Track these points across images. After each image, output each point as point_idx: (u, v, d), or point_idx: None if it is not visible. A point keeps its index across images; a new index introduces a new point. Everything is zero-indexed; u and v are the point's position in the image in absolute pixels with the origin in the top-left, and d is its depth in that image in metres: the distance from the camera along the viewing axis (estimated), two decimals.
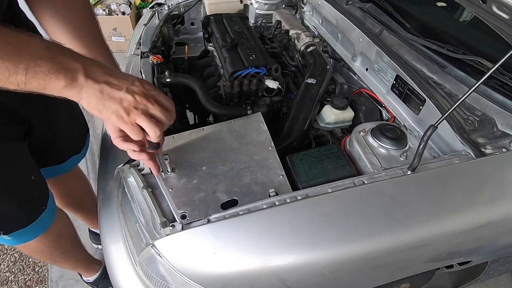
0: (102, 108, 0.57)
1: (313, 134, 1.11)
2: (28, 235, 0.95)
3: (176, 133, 0.91)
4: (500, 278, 1.61)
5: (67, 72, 0.52)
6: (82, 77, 0.54)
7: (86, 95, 0.55)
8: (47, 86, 0.52)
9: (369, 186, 0.73)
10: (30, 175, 0.92)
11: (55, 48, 0.53)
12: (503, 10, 0.77)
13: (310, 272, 0.67)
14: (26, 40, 0.50)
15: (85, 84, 0.54)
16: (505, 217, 0.75)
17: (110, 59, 0.77)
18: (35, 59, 0.49)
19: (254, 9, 1.63)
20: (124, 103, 0.58)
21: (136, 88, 0.59)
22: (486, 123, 0.86)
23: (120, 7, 3.08)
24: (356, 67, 1.24)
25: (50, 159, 1.10)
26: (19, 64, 0.48)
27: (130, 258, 0.75)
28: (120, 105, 0.58)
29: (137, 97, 0.59)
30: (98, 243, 1.70)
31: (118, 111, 0.58)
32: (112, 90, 0.57)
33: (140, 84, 0.60)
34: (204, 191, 0.77)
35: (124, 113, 0.58)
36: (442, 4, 1.27)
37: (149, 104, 0.60)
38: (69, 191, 1.35)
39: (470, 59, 0.95)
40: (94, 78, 0.55)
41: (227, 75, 1.14)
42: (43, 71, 0.50)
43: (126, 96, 0.58)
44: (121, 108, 0.58)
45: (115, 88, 0.57)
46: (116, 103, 0.57)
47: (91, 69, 0.55)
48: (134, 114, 0.59)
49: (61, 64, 0.52)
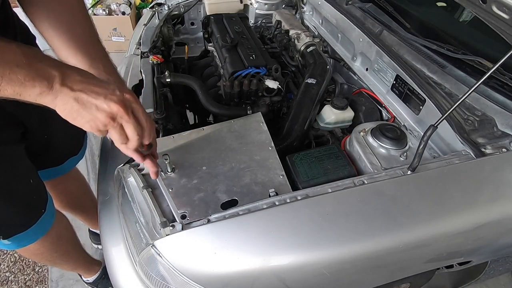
0: (76, 116, 0.56)
1: (313, 134, 1.11)
2: (28, 239, 0.94)
3: (176, 133, 0.91)
4: (500, 278, 1.61)
5: (43, 79, 0.51)
6: (57, 85, 0.52)
7: (61, 103, 0.54)
8: (22, 93, 0.51)
9: (369, 186, 0.73)
10: (29, 179, 0.91)
11: (32, 55, 0.51)
12: (503, 10, 0.77)
13: (310, 272, 0.67)
14: (2, 46, 0.49)
15: (60, 91, 0.53)
16: (505, 217, 0.75)
17: (107, 59, 0.76)
18: (11, 66, 0.48)
19: (254, 9, 1.63)
20: (99, 113, 0.56)
21: (115, 97, 0.57)
22: (486, 123, 0.86)
23: (120, 7, 3.08)
24: (356, 67, 1.24)
25: (47, 161, 1.10)
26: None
27: (130, 258, 0.75)
28: (95, 114, 0.56)
29: (114, 107, 0.56)
30: (98, 243, 1.70)
31: (92, 121, 0.56)
32: (88, 99, 0.55)
33: (121, 93, 0.58)
34: (204, 191, 0.77)
35: (99, 123, 0.57)
36: (442, 4, 1.27)
37: (125, 116, 0.58)
38: (68, 192, 1.35)
39: (470, 59, 0.95)
40: (70, 86, 0.53)
41: (227, 75, 1.14)
42: (19, 79, 0.49)
43: (102, 105, 0.55)
44: (95, 118, 0.56)
45: (91, 96, 0.55)
46: (91, 113, 0.55)
47: (69, 77, 0.54)
48: (110, 126, 0.57)
49: (38, 71, 0.51)
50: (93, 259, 1.47)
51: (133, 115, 0.59)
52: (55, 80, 0.52)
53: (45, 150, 1.04)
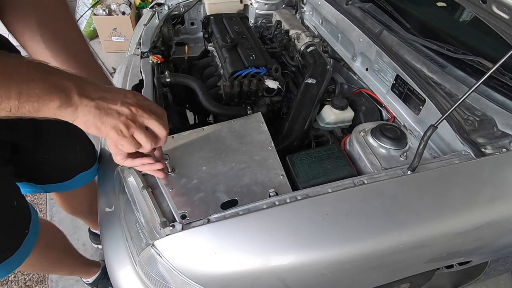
0: (100, 125, 0.56)
1: (313, 134, 1.11)
2: (15, 263, 0.90)
3: (176, 133, 0.91)
4: (500, 278, 1.61)
5: (60, 92, 0.50)
6: (76, 96, 0.52)
7: (82, 114, 0.53)
8: (41, 109, 0.50)
9: (369, 186, 0.73)
10: (13, 201, 0.87)
11: (43, 68, 0.50)
12: (503, 10, 0.77)
13: (310, 272, 0.67)
14: (14, 62, 0.47)
15: (79, 102, 0.52)
16: (505, 217, 0.75)
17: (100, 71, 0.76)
18: (27, 81, 0.47)
19: (254, 9, 1.63)
20: (121, 117, 0.57)
21: (130, 100, 0.58)
22: (486, 123, 0.86)
23: (120, 7, 3.07)
24: (356, 67, 1.24)
25: (52, 177, 1.07)
26: (11, 89, 0.46)
27: (130, 258, 0.75)
28: (118, 119, 0.57)
29: (133, 109, 0.58)
30: (98, 243, 1.70)
31: (116, 126, 0.57)
32: (108, 105, 0.55)
33: (133, 95, 0.60)
34: (204, 191, 0.77)
35: (123, 127, 0.58)
36: (442, 4, 1.26)
37: (145, 115, 0.59)
38: (78, 200, 1.33)
39: (470, 59, 0.95)
40: (88, 95, 0.53)
41: (227, 75, 1.14)
42: (36, 93, 0.48)
43: (122, 109, 0.57)
44: (119, 123, 0.57)
45: (110, 103, 0.56)
46: (114, 118, 0.56)
47: (84, 86, 0.54)
48: (132, 128, 0.59)
49: (53, 84, 0.50)
50: (91, 261, 1.46)
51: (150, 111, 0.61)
52: (72, 91, 0.52)
53: (47, 167, 1.01)
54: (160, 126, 0.62)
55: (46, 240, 1.04)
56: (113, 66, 2.97)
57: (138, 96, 0.61)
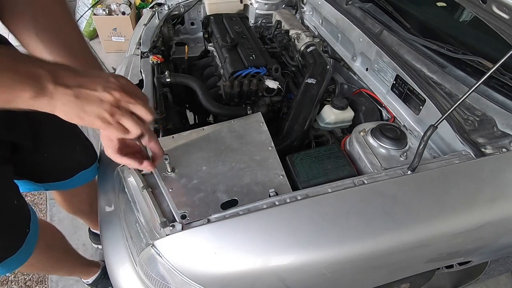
0: (83, 115, 0.52)
1: (313, 134, 1.11)
2: (17, 262, 0.90)
3: (176, 133, 0.91)
4: (500, 278, 1.61)
5: (32, 81, 0.47)
6: (50, 85, 0.48)
7: (60, 103, 0.50)
8: (13, 100, 0.47)
9: (369, 186, 0.73)
10: (13, 200, 0.87)
11: (13, 56, 0.47)
12: (503, 10, 0.77)
13: (310, 272, 0.67)
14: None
15: (55, 91, 0.49)
16: (505, 217, 0.75)
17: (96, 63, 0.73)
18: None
19: (254, 9, 1.63)
20: (104, 104, 0.53)
21: (113, 84, 0.54)
22: (486, 123, 0.86)
23: (120, 7, 3.07)
24: (356, 67, 1.24)
25: (52, 175, 1.06)
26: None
27: (130, 258, 0.75)
28: (101, 107, 0.53)
29: (117, 94, 0.54)
30: (98, 243, 1.70)
31: (101, 114, 0.53)
32: (89, 92, 0.51)
33: (115, 79, 0.55)
34: (204, 191, 0.77)
35: (107, 115, 0.54)
36: (442, 4, 1.27)
37: (131, 100, 0.56)
38: (78, 199, 1.33)
39: (470, 59, 0.95)
40: (64, 83, 0.50)
41: (227, 75, 1.14)
42: (6, 83, 0.45)
43: (104, 95, 0.53)
44: (103, 110, 0.53)
45: (90, 89, 0.52)
46: (97, 106, 0.53)
47: (59, 73, 0.50)
48: (118, 114, 0.55)
49: (24, 73, 0.47)
50: (91, 262, 1.46)
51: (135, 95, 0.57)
52: (45, 79, 0.48)
53: (46, 166, 1.01)
54: (146, 111, 0.59)
55: (46, 240, 1.04)
56: (113, 66, 2.97)
57: (121, 79, 0.57)
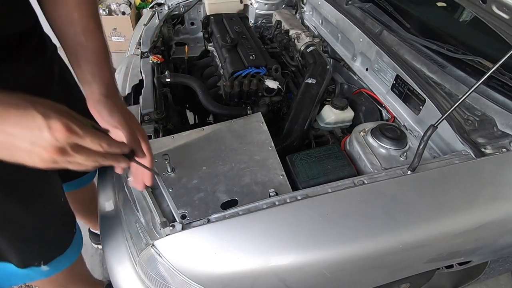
0: (13, 158, 0.46)
1: (313, 134, 1.11)
2: (65, 262, 0.90)
3: (176, 133, 0.91)
4: (500, 278, 1.61)
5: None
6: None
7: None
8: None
9: (369, 186, 0.73)
10: (61, 197, 0.87)
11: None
12: (503, 10, 0.77)
13: (310, 272, 0.67)
14: None
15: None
16: (505, 217, 0.75)
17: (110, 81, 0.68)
18: None
19: (254, 9, 1.63)
20: (35, 158, 0.46)
21: (43, 141, 0.44)
22: (486, 123, 0.86)
23: (120, 7, 3.07)
24: (356, 67, 1.24)
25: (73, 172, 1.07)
26: None
27: (130, 258, 0.75)
28: (33, 158, 0.46)
29: (46, 155, 0.45)
30: (98, 243, 1.70)
31: (34, 161, 0.46)
32: (15, 147, 0.44)
33: (50, 133, 0.44)
34: (204, 191, 0.77)
35: (44, 164, 0.47)
36: (442, 4, 1.26)
37: (64, 158, 0.46)
38: (81, 200, 1.34)
39: (470, 59, 0.94)
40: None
41: (227, 75, 1.14)
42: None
43: (35, 150, 0.45)
44: (38, 161, 0.46)
45: (17, 144, 0.44)
46: (28, 157, 0.46)
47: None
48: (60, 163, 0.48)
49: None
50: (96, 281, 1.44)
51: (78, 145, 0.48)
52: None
53: None
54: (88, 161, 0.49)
55: None
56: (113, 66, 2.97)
57: (59, 130, 0.44)
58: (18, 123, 0.43)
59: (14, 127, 0.43)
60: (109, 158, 0.52)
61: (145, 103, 1.02)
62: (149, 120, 0.97)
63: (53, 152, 0.45)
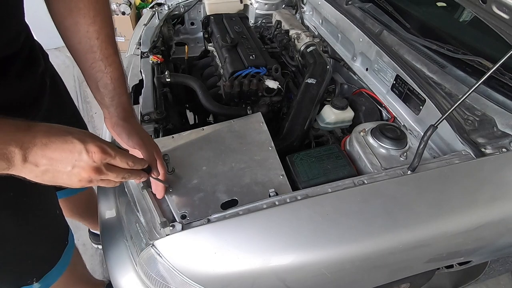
0: (53, 181, 0.52)
1: (313, 134, 1.11)
2: (54, 276, 0.89)
3: (176, 133, 0.91)
4: (500, 278, 1.61)
5: (2, 160, 0.46)
6: (19, 162, 0.47)
7: (26, 175, 0.50)
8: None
9: (369, 186, 0.73)
10: (55, 210, 0.86)
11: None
12: (503, 10, 0.77)
13: (310, 272, 0.67)
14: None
15: (23, 167, 0.48)
16: (505, 217, 0.75)
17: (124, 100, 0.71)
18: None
19: (254, 9, 1.63)
20: (74, 179, 0.52)
21: (83, 163, 0.51)
22: (486, 123, 0.86)
23: (120, 7, 3.07)
24: (356, 67, 1.24)
25: None
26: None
27: (130, 258, 0.75)
28: (71, 180, 0.52)
29: (85, 174, 0.52)
30: (98, 243, 1.70)
31: (73, 184, 0.53)
32: (57, 170, 0.50)
33: (88, 156, 0.51)
34: (204, 191, 0.77)
35: (81, 184, 0.54)
36: (442, 4, 1.27)
37: (99, 177, 0.54)
38: (78, 202, 1.33)
39: (470, 59, 0.94)
40: (34, 161, 0.48)
41: (227, 75, 1.14)
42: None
43: (75, 172, 0.52)
44: (76, 182, 0.53)
45: (59, 168, 0.50)
46: (66, 179, 0.52)
47: (31, 151, 0.48)
48: (94, 182, 0.55)
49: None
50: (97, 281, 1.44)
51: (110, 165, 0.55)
52: (16, 157, 0.47)
53: None
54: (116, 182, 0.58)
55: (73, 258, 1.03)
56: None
57: (97, 155, 0.52)
58: (59, 149, 0.50)
59: (56, 152, 0.49)
60: (133, 174, 0.60)
61: (145, 103, 1.02)
62: (149, 120, 0.97)
63: (91, 172, 0.52)
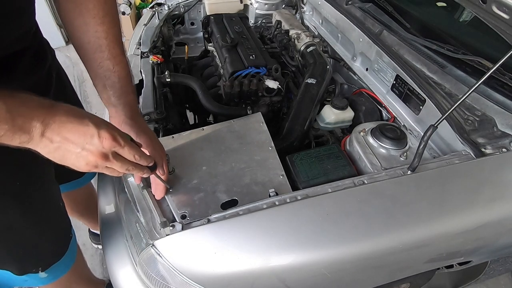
0: (63, 161, 0.54)
1: (313, 134, 1.11)
2: (62, 268, 0.90)
3: (176, 133, 0.91)
4: (500, 278, 1.61)
5: (23, 133, 0.49)
6: (38, 137, 0.50)
7: (41, 150, 0.52)
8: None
9: (369, 186, 0.73)
10: (58, 202, 0.87)
11: (15, 109, 0.48)
12: (503, 10, 0.77)
13: (310, 272, 0.67)
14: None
15: (39, 141, 0.51)
16: (505, 217, 0.75)
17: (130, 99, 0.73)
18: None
19: (254, 9, 1.63)
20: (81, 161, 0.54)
21: (93, 147, 0.53)
22: (486, 123, 0.86)
23: (120, 7, 3.05)
24: (356, 67, 1.24)
25: (72, 173, 1.06)
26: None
27: (130, 258, 0.75)
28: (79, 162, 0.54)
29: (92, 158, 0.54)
30: (98, 243, 1.70)
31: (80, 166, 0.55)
32: (69, 149, 0.52)
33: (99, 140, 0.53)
34: (204, 191, 0.77)
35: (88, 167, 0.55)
36: (442, 4, 1.27)
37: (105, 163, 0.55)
38: (78, 200, 1.34)
39: (470, 59, 0.94)
40: (50, 137, 0.51)
41: (227, 75, 1.14)
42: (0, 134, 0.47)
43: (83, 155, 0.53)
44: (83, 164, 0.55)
45: (71, 147, 0.52)
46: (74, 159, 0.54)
47: (50, 127, 0.50)
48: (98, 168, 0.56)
49: (19, 126, 0.48)
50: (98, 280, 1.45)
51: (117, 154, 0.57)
52: (36, 132, 0.50)
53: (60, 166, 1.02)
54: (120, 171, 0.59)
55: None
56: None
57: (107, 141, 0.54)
58: (74, 129, 0.51)
59: (71, 132, 0.51)
60: (137, 168, 0.61)
61: (145, 103, 1.02)
62: (149, 120, 0.97)
63: (98, 157, 0.53)
